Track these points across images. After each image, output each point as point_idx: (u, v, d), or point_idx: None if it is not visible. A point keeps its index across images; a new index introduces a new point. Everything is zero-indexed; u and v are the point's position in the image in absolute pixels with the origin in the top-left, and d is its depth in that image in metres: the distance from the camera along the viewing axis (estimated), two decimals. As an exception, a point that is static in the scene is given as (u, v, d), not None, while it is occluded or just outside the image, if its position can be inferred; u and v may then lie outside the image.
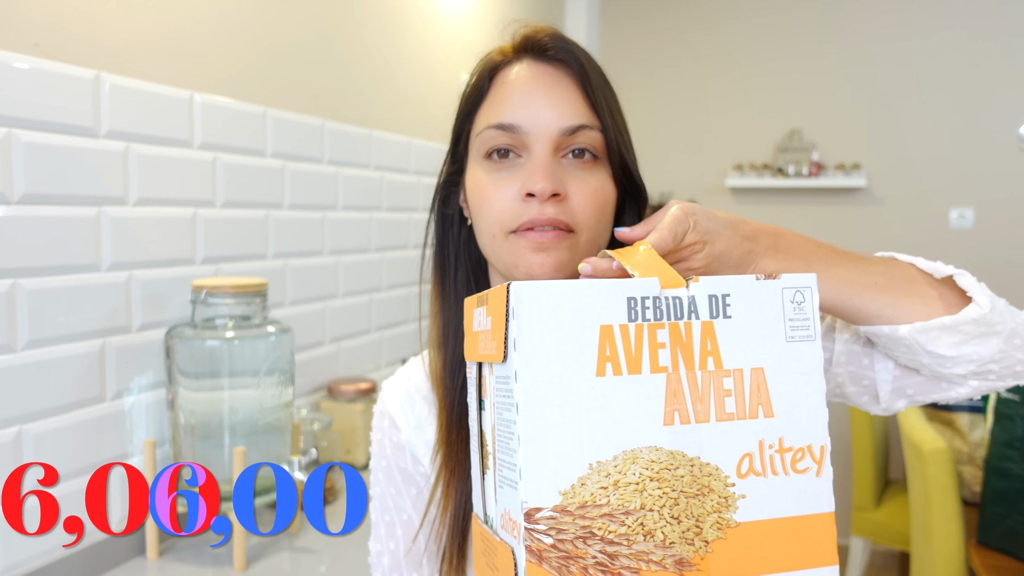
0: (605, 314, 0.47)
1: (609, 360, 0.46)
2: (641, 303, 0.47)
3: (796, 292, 0.50)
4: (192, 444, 1.22)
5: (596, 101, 0.68)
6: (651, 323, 0.47)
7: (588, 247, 0.68)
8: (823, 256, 0.62)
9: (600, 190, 0.68)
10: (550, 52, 0.69)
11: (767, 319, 0.49)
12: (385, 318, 1.99)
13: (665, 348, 0.47)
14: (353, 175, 1.84)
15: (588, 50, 0.72)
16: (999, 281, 3.37)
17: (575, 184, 0.67)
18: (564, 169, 0.67)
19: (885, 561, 3.31)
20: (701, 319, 0.48)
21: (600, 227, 0.68)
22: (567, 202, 0.66)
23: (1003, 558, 1.66)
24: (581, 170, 0.67)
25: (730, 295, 0.49)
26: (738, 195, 3.51)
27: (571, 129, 0.66)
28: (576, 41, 0.72)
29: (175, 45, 1.32)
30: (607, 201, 0.69)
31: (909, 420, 2.07)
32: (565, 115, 0.67)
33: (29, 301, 1.06)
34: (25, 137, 1.05)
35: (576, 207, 0.66)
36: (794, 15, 3.37)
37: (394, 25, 2.02)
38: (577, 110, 0.67)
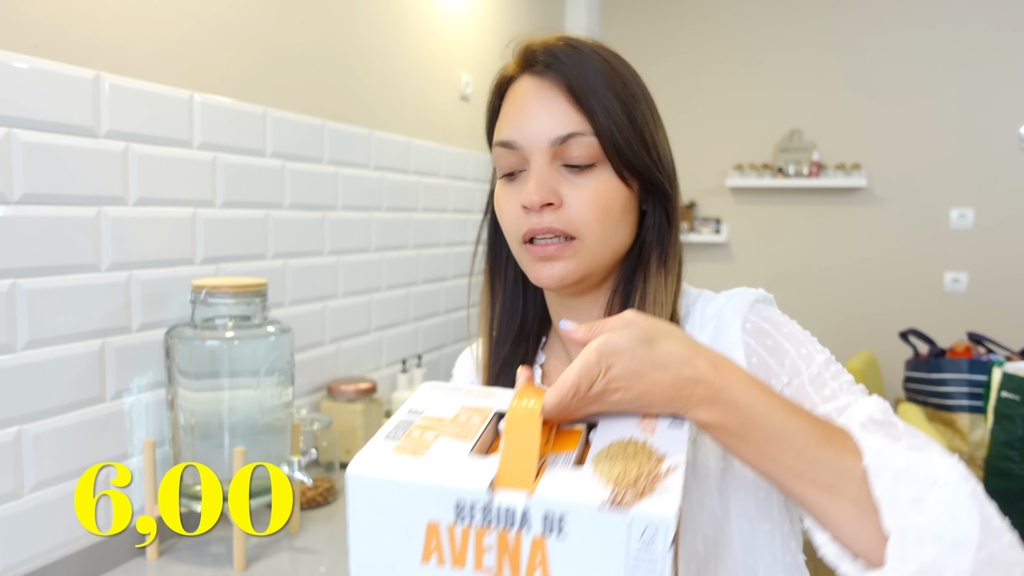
0: (433, 513, 0.48)
1: (435, 550, 0.48)
2: (470, 507, 0.48)
3: (646, 529, 0.45)
4: (192, 444, 1.22)
5: (587, 105, 0.68)
6: (478, 527, 0.48)
7: (597, 250, 0.70)
8: (767, 426, 0.53)
9: (600, 194, 0.68)
10: (539, 64, 0.70)
11: (606, 552, 0.45)
12: (385, 318, 1.99)
13: (491, 552, 0.47)
14: (353, 175, 1.84)
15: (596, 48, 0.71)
16: (999, 281, 3.38)
17: (572, 191, 0.68)
18: (563, 177, 0.69)
19: (885, 561, 3.31)
20: (532, 533, 0.47)
21: (607, 229, 0.69)
22: (564, 209, 0.68)
23: (1003, 558, 1.66)
24: (579, 176, 0.69)
25: (567, 516, 0.46)
26: (738, 195, 3.51)
27: (561, 138, 0.68)
28: (580, 41, 0.72)
29: (175, 45, 1.32)
30: (610, 203, 0.69)
31: (909, 420, 2.07)
32: (554, 125, 0.68)
33: (29, 301, 1.06)
34: (25, 137, 1.05)
35: (574, 213, 0.68)
36: (794, 15, 3.37)
37: (394, 25, 2.01)
38: (566, 118, 0.68)
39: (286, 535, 1.30)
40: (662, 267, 0.72)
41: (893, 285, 3.29)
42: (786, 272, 3.45)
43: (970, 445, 2.05)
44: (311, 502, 1.42)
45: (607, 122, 0.68)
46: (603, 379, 0.52)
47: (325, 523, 1.36)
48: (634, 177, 0.70)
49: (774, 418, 0.53)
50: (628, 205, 0.71)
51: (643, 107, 0.71)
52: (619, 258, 0.73)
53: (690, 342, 0.55)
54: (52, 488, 1.10)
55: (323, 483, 1.46)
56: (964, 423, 2.08)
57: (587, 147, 0.68)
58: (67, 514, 1.11)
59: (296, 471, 1.26)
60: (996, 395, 1.74)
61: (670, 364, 0.53)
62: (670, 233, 0.73)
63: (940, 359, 2.20)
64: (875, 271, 3.32)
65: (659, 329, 0.55)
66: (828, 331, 3.38)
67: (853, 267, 3.35)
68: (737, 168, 3.44)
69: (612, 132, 0.68)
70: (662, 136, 0.73)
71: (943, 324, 3.14)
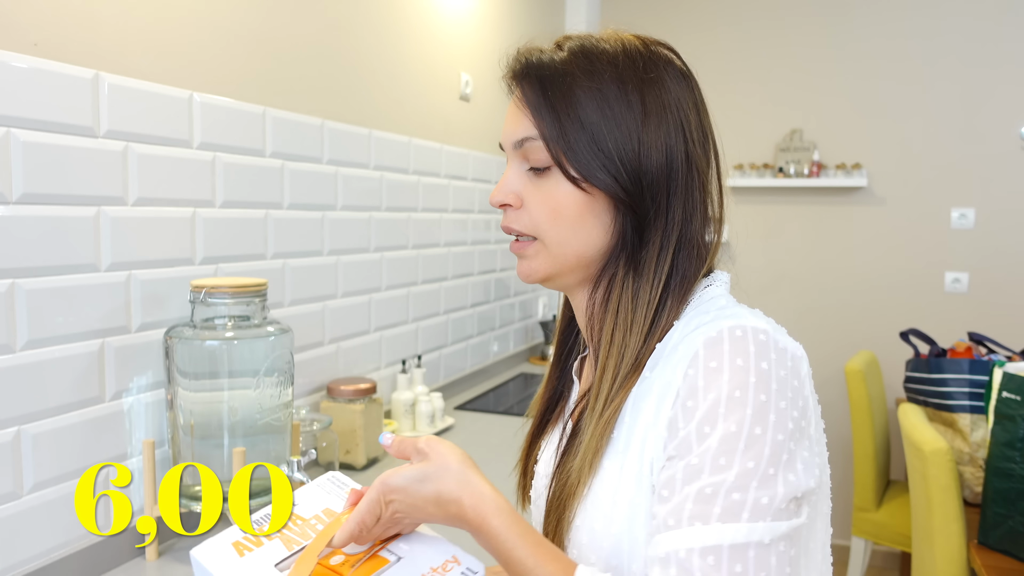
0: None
1: None
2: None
3: None
4: (191, 444, 1.22)
5: (539, 112, 0.69)
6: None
7: (559, 251, 0.72)
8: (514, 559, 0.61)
9: (550, 198, 0.70)
10: (510, 74, 0.74)
11: None
12: (384, 318, 1.98)
13: None
14: (352, 175, 1.83)
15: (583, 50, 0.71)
16: (999, 281, 3.37)
17: (531, 192, 0.72)
18: (528, 180, 0.72)
19: (886, 562, 3.30)
20: None
21: (562, 232, 0.70)
22: (522, 211, 0.72)
23: (1004, 559, 1.66)
24: (538, 178, 0.71)
25: None
26: (739, 195, 3.51)
27: (517, 143, 0.72)
28: (571, 41, 0.72)
29: (174, 45, 1.32)
30: (561, 207, 0.70)
31: (910, 420, 2.07)
32: (514, 130, 0.72)
33: (28, 301, 1.06)
34: (24, 136, 1.05)
35: (531, 214, 0.72)
36: (795, 15, 3.37)
37: (394, 25, 2.01)
38: (521, 123, 0.71)
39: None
40: (630, 277, 0.70)
41: (893, 285, 3.29)
42: (786, 272, 3.45)
43: (971, 445, 2.05)
44: (311, 502, 1.41)
45: (553, 127, 0.69)
46: (387, 512, 0.64)
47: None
48: (588, 183, 0.69)
49: (518, 553, 0.60)
50: (589, 209, 0.70)
51: (619, 113, 0.68)
52: (591, 260, 0.72)
53: (460, 479, 0.63)
54: (52, 488, 1.09)
55: (323, 483, 1.46)
56: (965, 423, 2.08)
57: (540, 151, 0.70)
58: (67, 514, 1.11)
59: (296, 471, 1.26)
60: (997, 395, 1.74)
61: (440, 501, 0.63)
62: (642, 247, 0.70)
63: (941, 359, 2.20)
64: (875, 271, 3.31)
65: (437, 466, 0.64)
66: (828, 331, 3.38)
67: (853, 267, 3.34)
68: (737, 168, 3.44)
69: (557, 137, 0.69)
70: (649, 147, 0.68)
71: (943, 324, 3.14)
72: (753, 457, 0.58)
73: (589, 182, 0.69)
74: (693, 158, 0.71)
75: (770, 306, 3.55)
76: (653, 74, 0.71)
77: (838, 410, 3.40)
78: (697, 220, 0.71)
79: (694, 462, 0.59)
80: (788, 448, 0.59)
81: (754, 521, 0.56)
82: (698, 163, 0.71)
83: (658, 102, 0.70)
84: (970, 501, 2.01)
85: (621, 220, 0.70)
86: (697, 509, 0.57)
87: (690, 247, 0.71)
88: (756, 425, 0.58)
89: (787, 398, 0.60)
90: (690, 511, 0.57)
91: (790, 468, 0.59)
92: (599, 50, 0.71)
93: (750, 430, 0.58)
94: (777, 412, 0.59)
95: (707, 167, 0.73)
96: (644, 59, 0.71)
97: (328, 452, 1.53)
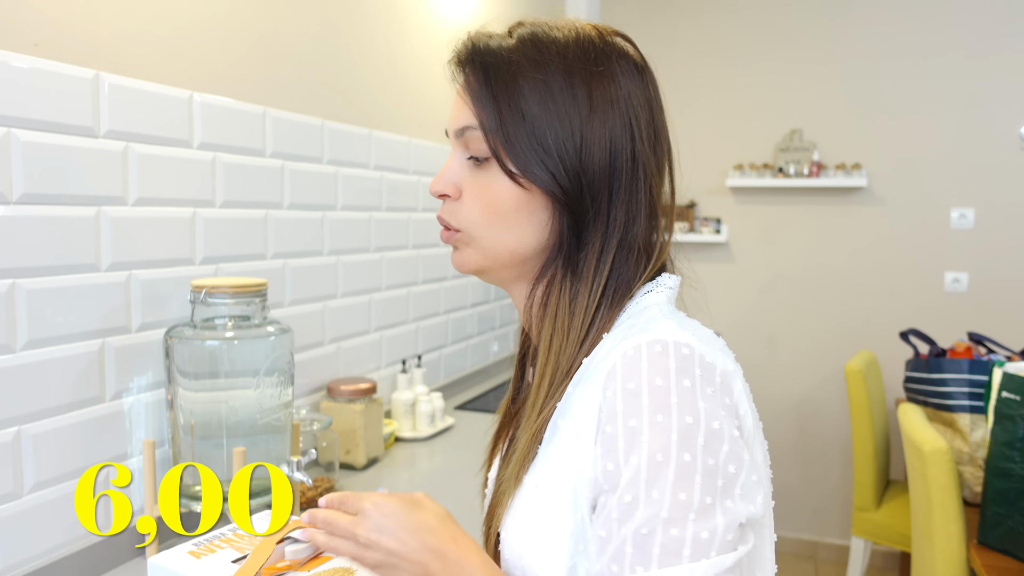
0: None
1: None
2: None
3: None
4: (191, 444, 1.22)
5: (480, 101, 0.66)
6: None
7: (490, 246, 0.69)
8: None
9: (487, 190, 0.67)
10: (455, 61, 0.72)
11: None
12: (385, 318, 1.99)
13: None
14: (353, 175, 1.84)
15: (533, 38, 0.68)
16: (999, 281, 3.37)
17: (469, 184, 0.69)
18: (469, 171, 0.70)
19: (885, 561, 3.31)
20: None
21: (496, 227, 0.68)
22: (460, 203, 0.70)
23: (1004, 558, 1.66)
24: (477, 169, 0.69)
25: None
26: (738, 195, 3.51)
27: (458, 132, 0.69)
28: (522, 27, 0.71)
29: (175, 45, 1.32)
30: (496, 201, 0.67)
31: (910, 420, 2.07)
32: (455, 117, 0.70)
33: (28, 301, 1.06)
34: (24, 137, 1.05)
35: (464, 207, 0.70)
36: (795, 14, 3.37)
37: (394, 25, 2.01)
38: (463, 112, 0.69)
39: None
40: (568, 281, 0.67)
41: (893, 285, 3.29)
42: (786, 272, 3.45)
43: (971, 445, 2.05)
44: (311, 502, 1.42)
45: (492, 118, 0.66)
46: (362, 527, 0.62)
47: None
48: (526, 179, 0.65)
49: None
50: (525, 206, 0.67)
51: (563, 109, 0.65)
52: (525, 257, 0.69)
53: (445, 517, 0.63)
54: (52, 488, 1.10)
55: (323, 483, 1.46)
56: (964, 423, 2.08)
57: (479, 141, 0.67)
58: (67, 514, 1.11)
59: (296, 471, 1.26)
60: (997, 395, 1.74)
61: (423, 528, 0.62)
62: (580, 251, 0.67)
63: (940, 359, 2.20)
64: (875, 271, 3.31)
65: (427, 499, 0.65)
66: (828, 331, 3.38)
67: (853, 267, 3.35)
68: (737, 168, 3.44)
69: (496, 129, 0.65)
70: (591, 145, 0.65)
71: (943, 324, 3.14)
72: (685, 488, 0.53)
73: (526, 177, 0.65)
74: (640, 157, 0.66)
75: (770, 306, 3.57)
76: (603, 67, 0.66)
77: (838, 410, 3.40)
78: (641, 223, 0.67)
79: (627, 498, 0.54)
80: (724, 473, 0.54)
81: (696, 560, 0.52)
82: (645, 163, 0.67)
83: (606, 97, 0.66)
84: (970, 501, 2.01)
85: (559, 219, 0.67)
86: (637, 554, 0.53)
87: (631, 251, 0.67)
88: (684, 452, 0.54)
89: (719, 417, 0.56)
90: (631, 556, 0.54)
91: (727, 495, 0.54)
92: (550, 39, 0.68)
93: (678, 458, 0.54)
94: (707, 435, 0.54)
95: (657, 167, 0.69)
96: (597, 50, 0.67)
97: (328, 452, 1.53)
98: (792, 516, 3.49)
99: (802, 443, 3.48)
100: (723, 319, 3.51)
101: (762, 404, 3.52)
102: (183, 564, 0.65)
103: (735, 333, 3.51)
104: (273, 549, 0.66)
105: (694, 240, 3.50)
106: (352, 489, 1.53)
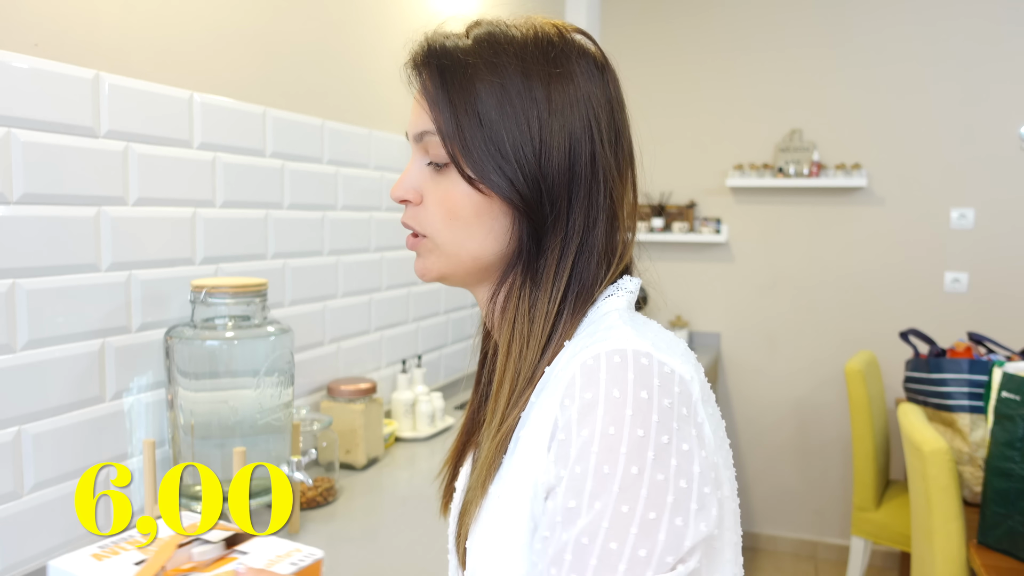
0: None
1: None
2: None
3: None
4: (191, 444, 1.22)
5: (437, 105, 0.65)
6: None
7: (452, 251, 0.68)
8: None
9: (446, 196, 0.66)
10: (412, 64, 0.70)
11: None
12: (385, 318, 1.99)
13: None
14: (353, 175, 1.84)
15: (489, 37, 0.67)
16: (999, 281, 3.37)
17: (430, 189, 0.68)
18: (428, 176, 0.68)
19: (885, 561, 3.31)
20: None
21: (457, 233, 0.66)
22: (422, 207, 0.69)
23: (1004, 558, 1.66)
24: (437, 174, 0.67)
25: None
26: (738, 195, 3.51)
27: (418, 136, 0.68)
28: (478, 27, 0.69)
29: (175, 45, 1.32)
30: (456, 207, 0.66)
31: (910, 420, 2.07)
32: (413, 122, 0.68)
33: (28, 301, 1.06)
34: (24, 137, 1.05)
35: (425, 212, 0.68)
36: (794, 15, 3.37)
37: (394, 25, 2.01)
38: (420, 116, 0.67)
39: (286, 535, 1.30)
40: (527, 288, 0.66)
41: (893, 285, 3.29)
42: (786, 272, 3.45)
43: (970, 445, 2.05)
44: (311, 502, 1.42)
45: (450, 123, 0.64)
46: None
47: (325, 523, 1.36)
48: (485, 184, 0.64)
49: None
50: (486, 211, 0.65)
51: (520, 112, 0.64)
52: (488, 263, 0.68)
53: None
54: (52, 488, 1.10)
55: (323, 483, 1.46)
56: (964, 423, 2.08)
57: (438, 146, 0.65)
58: (67, 514, 1.11)
59: (296, 471, 1.26)
60: (996, 395, 1.74)
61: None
62: (539, 257, 0.66)
63: (940, 359, 2.20)
64: (875, 271, 3.31)
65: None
66: (828, 331, 3.38)
67: (853, 267, 3.35)
68: (737, 168, 3.44)
69: (453, 134, 0.64)
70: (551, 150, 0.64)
71: (943, 324, 3.14)
72: (628, 500, 0.52)
73: (484, 183, 0.64)
74: (600, 160, 0.65)
75: (770, 306, 3.56)
76: (562, 68, 0.65)
77: (838, 410, 3.40)
78: (602, 227, 0.66)
79: (571, 504, 0.54)
80: (675, 488, 0.53)
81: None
82: (605, 165, 0.66)
83: (564, 99, 0.64)
84: (970, 501, 2.01)
85: (519, 225, 0.66)
86: (575, 562, 0.53)
87: (591, 255, 0.66)
88: (631, 464, 0.53)
89: (670, 430, 0.54)
90: (569, 564, 0.53)
91: (678, 511, 0.53)
92: (507, 38, 0.66)
93: (625, 470, 0.53)
94: (657, 449, 0.54)
95: (618, 168, 0.68)
96: (556, 50, 0.66)
97: (328, 452, 1.53)
98: (792, 516, 3.49)
99: (802, 443, 3.48)
100: (723, 319, 3.51)
101: (762, 404, 3.52)
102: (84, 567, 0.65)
103: (735, 333, 3.52)
104: (174, 551, 0.66)
105: (694, 240, 3.50)
106: (353, 490, 1.54)
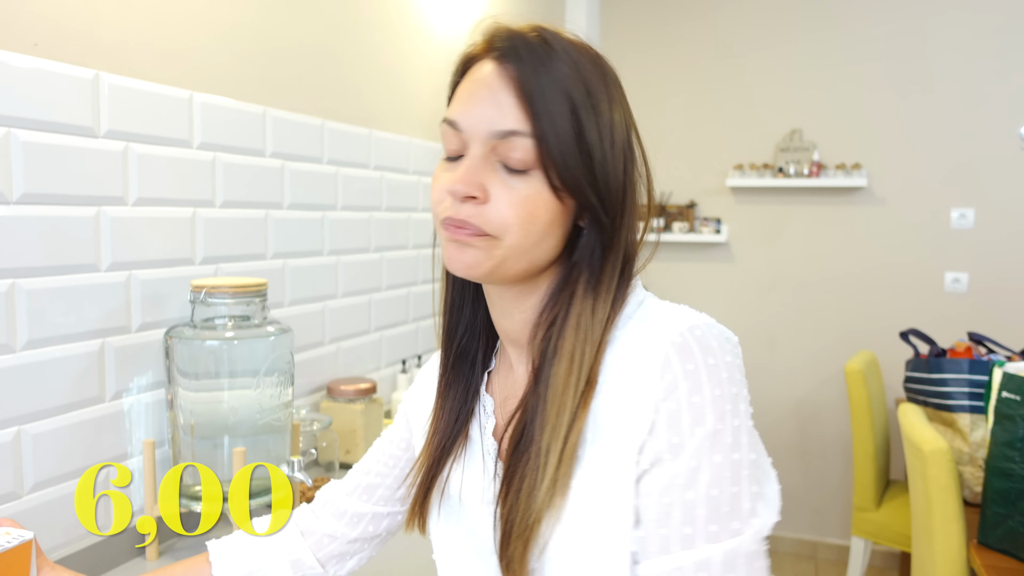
0: None
1: None
2: None
3: None
4: (191, 444, 1.22)
5: (533, 106, 0.64)
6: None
7: (513, 255, 0.66)
8: None
9: (528, 201, 0.65)
10: (497, 52, 0.67)
11: None
12: (385, 318, 1.99)
13: None
14: (353, 175, 1.84)
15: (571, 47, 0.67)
16: (999, 281, 3.36)
17: (501, 190, 0.65)
18: (495, 174, 0.65)
19: (885, 561, 3.31)
20: None
21: (529, 238, 0.66)
22: (487, 206, 0.65)
23: (1004, 558, 1.66)
24: (512, 176, 0.65)
25: None
26: (738, 195, 3.51)
27: (502, 133, 0.64)
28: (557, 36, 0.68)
29: (174, 45, 1.32)
30: (536, 213, 0.65)
31: (910, 420, 2.07)
32: (497, 118, 0.65)
33: (28, 301, 1.06)
34: (24, 137, 1.05)
35: (495, 212, 0.65)
36: (795, 14, 3.37)
37: (394, 25, 2.01)
38: (512, 114, 0.64)
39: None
40: (590, 292, 0.69)
41: (893, 285, 3.29)
42: (786, 272, 3.45)
43: (971, 445, 2.05)
44: (310, 502, 1.42)
45: (549, 128, 0.63)
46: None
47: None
48: (568, 193, 0.66)
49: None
50: (558, 219, 0.67)
51: (602, 124, 0.66)
52: (538, 269, 0.69)
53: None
54: (52, 488, 1.10)
55: (323, 483, 1.46)
56: (965, 423, 2.08)
57: (524, 149, 0.64)
58: (67, 514, 1.11)
59: (296, 471, 1.26)
60: (997, 395, 1.74)
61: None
62: (604, 262, 0.69)
63: (940, 359, 2.20)
64: (875, 271, 3.31)
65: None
66: (828, 331, 3.38)
67: (853, 267, 3.35)
68: (737, 168, 3.44)
69: (551, 140, 0.64)
70: (617, 160, 0.68)
71: (943, 324, 3.14)
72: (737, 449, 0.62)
73: (568, 193, 0.65)
74: (637, 170, 0.71)
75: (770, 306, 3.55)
76: (617, 88, 0.70)
77: (838, 410, 3.40)
78: (634, 231, 0.72)
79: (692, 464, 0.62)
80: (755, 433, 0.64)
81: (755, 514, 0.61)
82: (638, 174, 0.71)
83: (622, 116, 0.69)
84: (970, 501, 2.01)
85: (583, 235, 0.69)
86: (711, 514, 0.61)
87: (628, 259, 0.71)
88: (735, 418, 0.63)
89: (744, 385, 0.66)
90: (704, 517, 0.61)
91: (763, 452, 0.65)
92: (580, 49, 0.68)
93: (731, 424, 0.62)
94: (745, 402, 0.64)
95: (638, 178, 0.72)
96: (607, 68, 0.70)
97: (328, 452, 1.53)
98: (792, 516, 3.49)
99: (802, 443, 3.48)
100: (723, 319, 3.49)
101: (762, 404, 3.52)
102: None
103: (735, 333, 3.51)
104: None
105: (694, 240, 3.50)
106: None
